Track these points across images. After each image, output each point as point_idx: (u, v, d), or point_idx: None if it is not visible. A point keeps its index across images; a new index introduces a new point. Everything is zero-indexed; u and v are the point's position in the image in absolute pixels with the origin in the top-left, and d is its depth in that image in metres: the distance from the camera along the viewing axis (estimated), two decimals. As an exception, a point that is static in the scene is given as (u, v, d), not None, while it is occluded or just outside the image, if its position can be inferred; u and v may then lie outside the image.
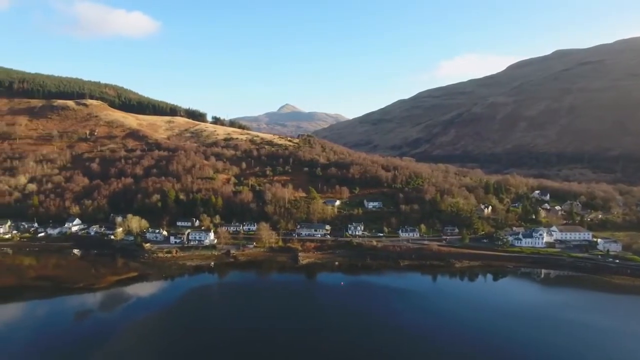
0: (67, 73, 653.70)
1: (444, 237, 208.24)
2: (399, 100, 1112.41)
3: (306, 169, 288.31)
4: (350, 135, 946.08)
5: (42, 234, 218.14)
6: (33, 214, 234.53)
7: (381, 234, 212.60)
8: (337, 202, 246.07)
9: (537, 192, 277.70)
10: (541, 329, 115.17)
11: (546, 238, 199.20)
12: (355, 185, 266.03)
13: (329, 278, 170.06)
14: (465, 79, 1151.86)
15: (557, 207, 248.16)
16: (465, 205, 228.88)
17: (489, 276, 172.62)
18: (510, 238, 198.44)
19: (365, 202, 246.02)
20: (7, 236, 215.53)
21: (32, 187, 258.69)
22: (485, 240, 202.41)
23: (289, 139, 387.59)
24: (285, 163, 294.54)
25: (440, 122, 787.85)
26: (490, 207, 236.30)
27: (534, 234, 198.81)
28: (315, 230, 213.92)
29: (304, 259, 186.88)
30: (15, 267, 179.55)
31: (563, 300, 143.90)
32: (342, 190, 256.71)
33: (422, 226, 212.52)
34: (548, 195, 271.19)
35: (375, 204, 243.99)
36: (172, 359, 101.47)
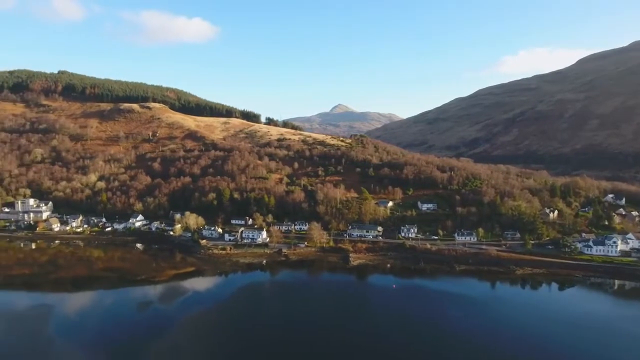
0: (132, 78, 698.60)
1: (504, 242, 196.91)
2: (456, 99, 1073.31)
3: (358, 169, 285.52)
4: (404, 135, 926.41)
5: (109, 229, 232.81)
6: (102, 210, 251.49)
7: (436, 237, 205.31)
8: (390, 203, 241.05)
9: (610, 195, 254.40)
10: (612, 345, 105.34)
11: (621, 246, 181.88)
12: (409, 186, 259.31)
13: (380, 280, 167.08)
14: (529, 75, 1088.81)
15: (634, 213, 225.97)
16: (528, 208, 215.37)
17: (554, 285, 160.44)
18: (579, 245, 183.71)
19: (419, 204, 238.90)
20: (79, 230, 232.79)
21: (101, 184, 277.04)
22: (550, 247, 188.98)
23: (341, 139, 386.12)
24: (337, 163, 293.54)
25: (501, 120, 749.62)
26: (556, 212, 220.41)
27: (606, 241, 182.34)
28: (367, 231, 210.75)
29: (355, 260, 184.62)
30: (85, 258, 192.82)
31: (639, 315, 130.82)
32: (395, 191, 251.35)
33: (480, 230, 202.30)
34: (623, 199, 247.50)
35: (430, 205, 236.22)
36: (225, 354, 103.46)
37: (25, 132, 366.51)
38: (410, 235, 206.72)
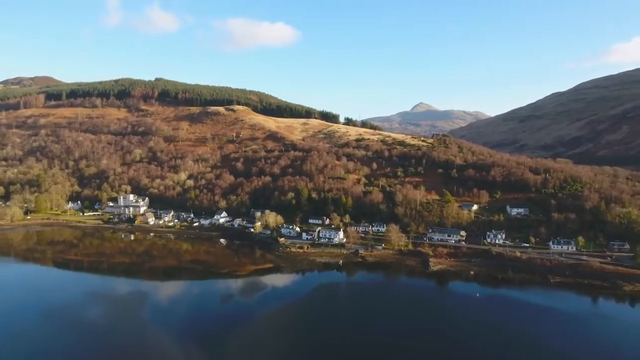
0: (219, 82, 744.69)
1: (609, 253, 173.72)
2: (553, 94, 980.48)
3: (440, 170, 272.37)
4: (491, 134, 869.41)
5: (196, 224, 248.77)
6: (190, 206, 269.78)
7: (526, 245, 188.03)
8: (475, 207, 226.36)
9: None
10: None
11: None
12: (497, 188, 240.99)
13: (462, 287, 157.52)
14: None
15: None
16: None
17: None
18: None
19: (508, 208, 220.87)
20: (170, 224, 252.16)
21: (190, 183, 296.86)
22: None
23: (422, 138, 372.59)
24: (418, 164, 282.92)
25: (607, 117, 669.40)
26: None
27: None
28: (449, 236, 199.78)
29: (435, 264, 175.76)
30: (175, 250, 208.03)
31: None
32: (481, 193, 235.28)
33: (580, 239, 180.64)
34: None
35: (520, 210, 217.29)
36: (302, 352, 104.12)
37: (127, 134, 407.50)
38: (497, 242, 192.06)
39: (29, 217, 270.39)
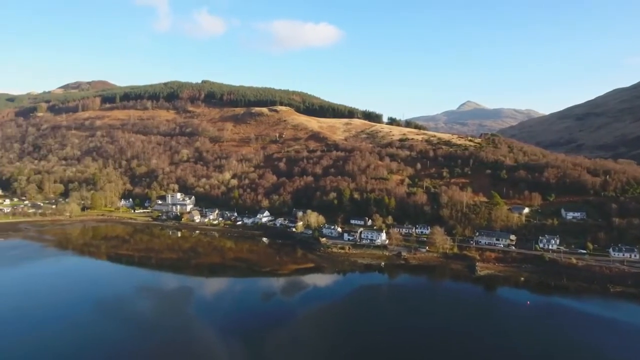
0: (262, 84, 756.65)
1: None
2: (615, 89, 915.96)
3: (489, 171, 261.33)
4: (545, 133, 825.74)
5: (240, 223, 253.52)
6: (234, 205, 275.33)
7: (583, 251, 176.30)
8: (526, 210, 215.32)
9: None
10: None
11: None
12: (550, 191, 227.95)
13: (511, 294, 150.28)
14: None
15: None
16: None
17: None
18: None
19: (563, 212, 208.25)
20: (215, 222, 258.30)
21: (234, 182, 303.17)
22: None
23: (469, 138, 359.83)
24: (465, 164, 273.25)
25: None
26: None
27: None
28: (497, 239, 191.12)
29: (482, 269, 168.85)
30: (220, 248, 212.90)
31: None
32: (533, 196, 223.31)
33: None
34: None
35: (577, 214, 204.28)
36: (343, 352, 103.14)
37: (175, 135, 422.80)
38: (550, 247, 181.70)
39: (85, 213, 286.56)
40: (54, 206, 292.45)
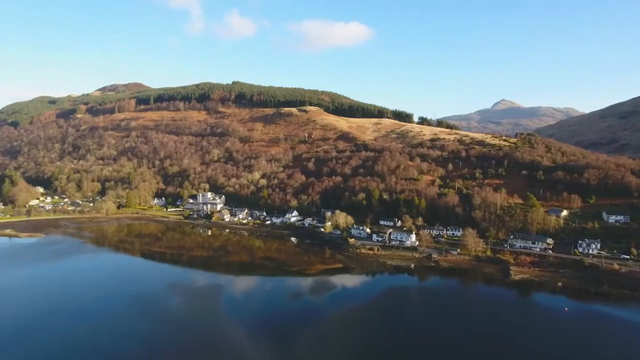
0: (291, 84, 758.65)
1: None
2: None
3: (524, 172, 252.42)
4: (585, 132, 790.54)
5: (269, 222, 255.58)
6: (263, 205, 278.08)
7: (627, 256, 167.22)
8: (564, 212, 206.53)
9: None
10: None
11: None
12: (591, 193, 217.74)
13: (548, 300, 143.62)
14: None
15: None
16: None
17: None
18: None
19: (605, 215, 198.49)
20: (244, 221, 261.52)
21: (263, 182, 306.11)
22: None
23: (504, 138, 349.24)
24: (499, 165, 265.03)
25: None
26: None
27: None
28: (533, 243, 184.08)
29: (516, 273, 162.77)
30: (249, 247, 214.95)
31: None
32: (572, 198, 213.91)
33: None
34: None
35: (620, 217, 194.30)
36: (369, 354, 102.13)
37: (206, 135, 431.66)
38: (590, 252, 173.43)
39: (120, 211, 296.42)
40: (91, 204, 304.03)
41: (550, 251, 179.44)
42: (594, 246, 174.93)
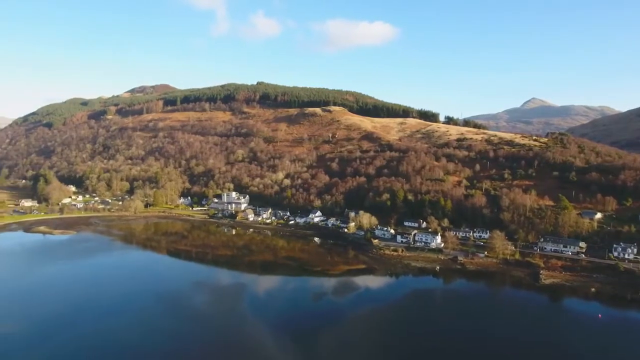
0: (315, 84, 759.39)
1: None
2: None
3: (556, 173, 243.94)
4: (622, 132, 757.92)
5: (292, 222, 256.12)
6: (286, 204, 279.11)
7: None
8: (598, 215, 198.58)
9: None
10: None
11: None
12: (627, 195, 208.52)
13: (580, 306, 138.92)
14: None
15: None
16: None
17: None
18: None
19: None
20: (268, 221, 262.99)
21: (287, 182, 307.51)
22: None
23: (534, 138, 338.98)
24: (529, 165, 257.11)
25: None
26: None
27: None
28: (565, 246, 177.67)
29: (547, 278, 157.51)
30: (272, 246, 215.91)
31: None
32: (607, 200, 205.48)
33: None
34: None
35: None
36: (391, 357, 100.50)
37: (231, 135, 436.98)
38: (626, 256, 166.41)
39: (148, 210, 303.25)
40: (120, 203, 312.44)
41: (583, 255, 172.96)
42: (630, 250, 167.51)
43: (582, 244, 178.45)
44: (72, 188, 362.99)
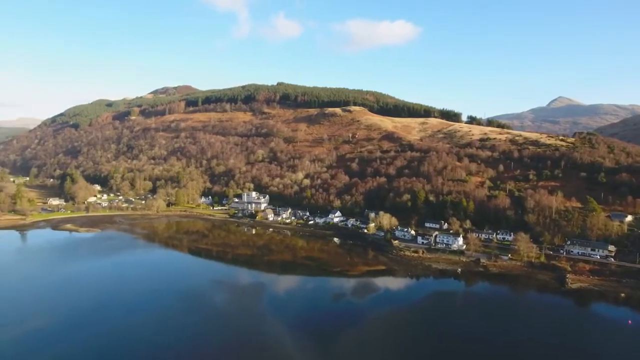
0: (336, 84, 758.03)
1: None
2: None
3: (583, 173, 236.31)
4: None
5: (312, 222, 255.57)
6: (306, 204, 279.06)
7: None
8: (629, 218, 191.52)
9: None
10: None
11: None
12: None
13: (609, 311, 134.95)
14: None
15: None
16: None
17: None
18: None
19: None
20: (287, 221, 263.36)
21: (307, 182, 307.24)
22: None
23: (560, 138, 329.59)
24: (555, 166, 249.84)
25: None
26: None
27: None
28: (593, 250, 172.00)
29: (573, 282, 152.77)
30: (291, 246, 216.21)
31: None
32: (638, 202, 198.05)
33: None
34: None
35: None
36: (411, 358, 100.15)
37: (251, 135, 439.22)
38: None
39: (170, 209, 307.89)
40: (143, 202, 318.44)
41: (612, 259, 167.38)
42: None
43: (611, 248, 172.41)
44: (97, 187, 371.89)
